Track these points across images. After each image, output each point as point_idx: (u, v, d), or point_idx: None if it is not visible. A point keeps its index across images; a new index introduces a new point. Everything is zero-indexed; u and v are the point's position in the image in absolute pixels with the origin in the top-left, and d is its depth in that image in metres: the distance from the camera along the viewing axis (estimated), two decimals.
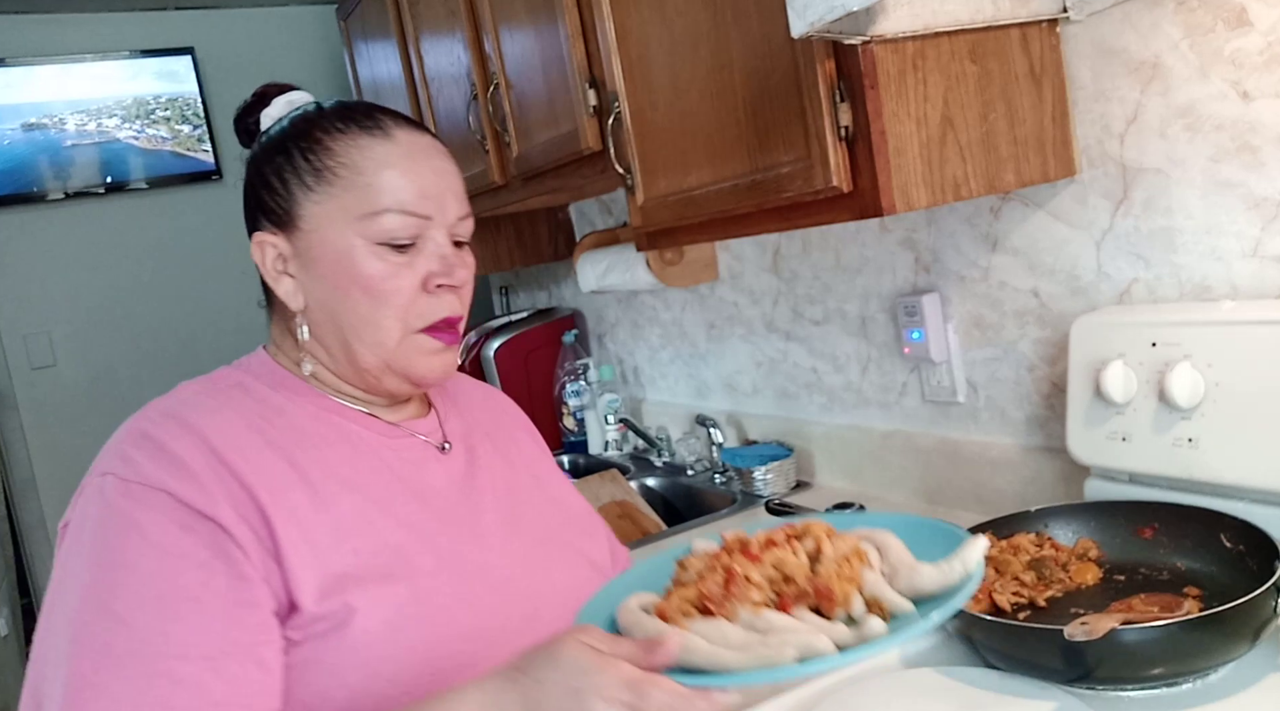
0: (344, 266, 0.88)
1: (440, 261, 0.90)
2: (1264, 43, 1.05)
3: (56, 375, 3.06)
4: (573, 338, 2.60)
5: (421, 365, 0.92)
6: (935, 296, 1.53)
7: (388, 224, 0.88)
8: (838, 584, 0.72)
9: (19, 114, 3.02)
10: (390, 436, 0.95)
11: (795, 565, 0.74)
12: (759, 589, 0.73)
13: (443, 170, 0.93)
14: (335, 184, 0.89)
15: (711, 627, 0.71)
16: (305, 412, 0.91)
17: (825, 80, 1.10)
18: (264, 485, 0.81)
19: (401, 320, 0.89)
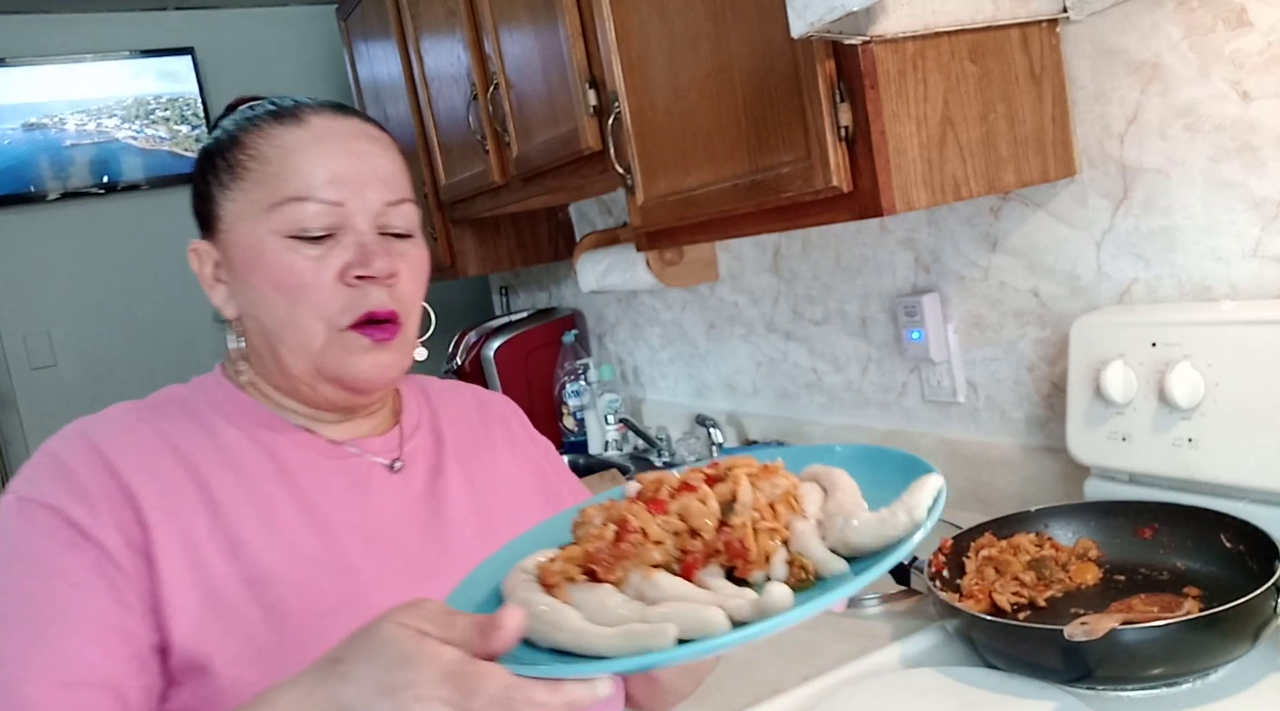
0: (257, 264, 0.82)
1: (357, 251, 0.82)
2: (1264, 43, 1.04)
3: (56, 375, 3.06)
4: (573, 338, 2.60)
5: (352, 366, 0.83)
6: (935, 296, 1.53)
7: (294, 213, 0.81)
8: (753, 538, 0.59)
9: (19, 114, 3.02)
10: (329, 457, 0.87)
11: (701, 514, 0.61)
12: (659, 546, 0.60)
13: (363, 152, 0.85)
14: (245, 178, 0.83)
15: (593, 596, 0.58)
16: (235, 431, 0.84)
17: (825, 80, 1.10)
18: (158, 507, 0.76)
19: (323, 318, 0.82)
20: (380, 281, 0.82)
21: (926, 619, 1.14)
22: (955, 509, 1.56)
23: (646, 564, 0.59)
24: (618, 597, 0.58)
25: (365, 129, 0.87)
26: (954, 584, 1.10)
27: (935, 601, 1.05)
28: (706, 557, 0.60)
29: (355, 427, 0.90)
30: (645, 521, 0.61)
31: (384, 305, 0.83)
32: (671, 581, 0.58)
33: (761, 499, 0.61)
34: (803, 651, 1.14)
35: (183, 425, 0.83)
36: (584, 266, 2.25)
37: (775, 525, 0.60)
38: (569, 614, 0.57)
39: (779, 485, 0.63)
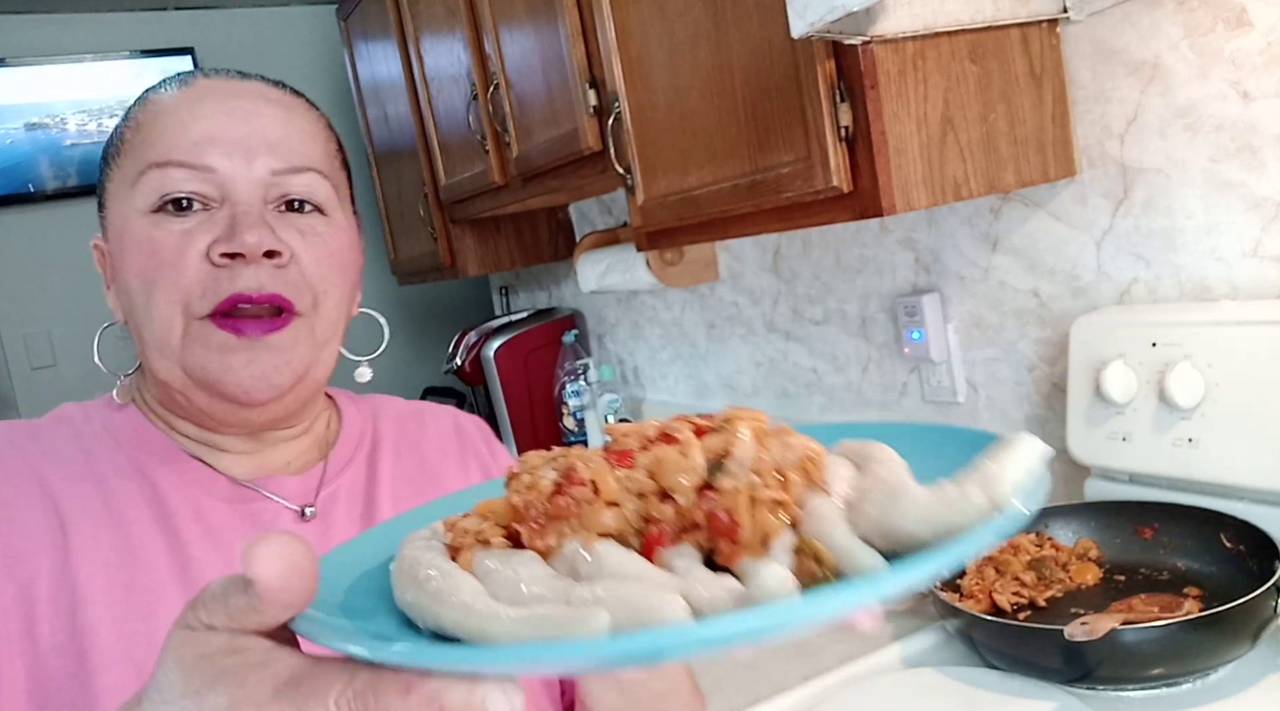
0: (122, 246, 0.69)
1: (227, 223, 0.66)
2: (1264, 43, 1.05)
3: (56, 375, 3.06)
4: (573, 338, 2.60)
5: (216, 368, 0.66)
6: (935, 296, 1.53)
7: (157, 181, 0.67)
8: (747, 509, 0.40)
9: (21, 114, 3.02)
10: (226, 499, 0.71)
11: (677, 470, 0.43)
12: (614, 508, 0.43)
13: (248, 111, 0.69)
14: (121, 151, 0.71)
15: (506, 566, 0.41)
16: (115, 462, 0.71)
17: (825, 80, 1.10)
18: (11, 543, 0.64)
19: (180, 303, 0.66)
20: (255, 260, 0.66)
21: (926, 619, 1.14)
22: None
23: (592, 530, 0.42)
24: (540, 570, 0.41)
25: (261, 89, 0.72)
26: (954, 584, 1.10)
27: (935, 601, 1.05)
28: (679, 532, 0.42)
29: (266, 461, 0.74)
30: (599, 472, 0.43)
31: (260, 287, 0.66)
32: (618, 554, 0.40)
33: (767, 461, 0.43)
34: (803, 651, 1.14)
35: (61, 452, 0.70)
36: (584, 266, 2.25)
37: (782, 496, 0.41)
38: (462, 584, 0.40)
39: (793, 448, 0.44)
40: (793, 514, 0.41)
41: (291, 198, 0.70)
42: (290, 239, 0.68)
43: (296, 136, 0.71)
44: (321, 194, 0.72)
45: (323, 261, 0.70)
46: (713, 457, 0.44)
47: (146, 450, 0.72)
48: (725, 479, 0.42)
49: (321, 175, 0.72)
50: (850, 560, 0.39)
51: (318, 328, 0.70)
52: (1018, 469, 0.39)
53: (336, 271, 0.72)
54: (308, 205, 0.71)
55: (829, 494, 0.43)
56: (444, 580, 0.40)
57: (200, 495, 0.70)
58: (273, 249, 0.67)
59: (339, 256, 0.72)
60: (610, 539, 0.42)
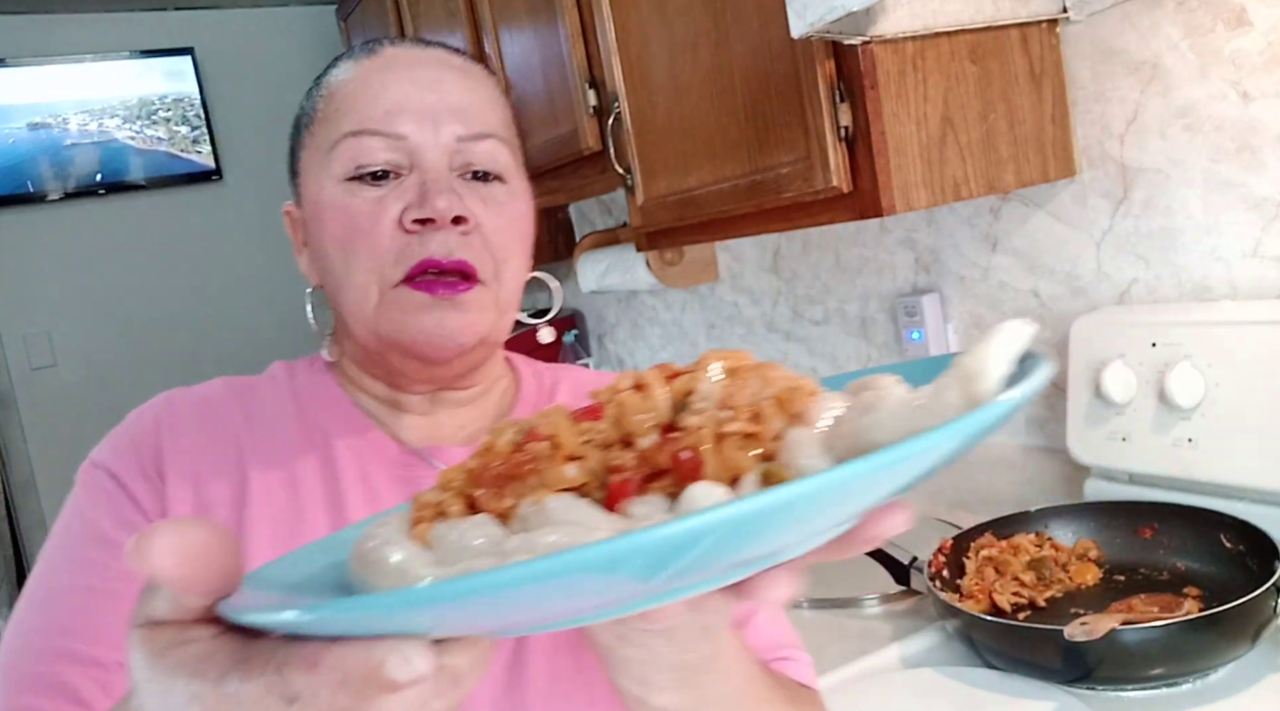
0: (318, 214, 0.72)
1: (418, 191, 0.69)
2: (1264, 43, 1.05)
3: (56, 375, 3.06)
4: (573, 338, 2.60)
5: (409, 328, 0.69)
6: (935, 296, 1.53)
7: (351, 150, 0.70)
8: (712, 449, 0.37)
9: (23, 114, 3.02)
10: (393, 465, 0.74)
11: (637, 412, 0.40)
12: (576, 462, 0.40)
13: (433, 80, 0.72)
14: (315, 122, 0.74)
15: (455, 530, 0.39)
16: (299, 425, 0.75)
17: (825, 80, 1.10)
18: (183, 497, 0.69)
19: (375, 270, 0.69)
20: (443, 226, 0.69)
21: (926, 619, 1.14)
22: (955, 509, 1.56)
23: (553, 487, 0.39)
24: (491, 531, 0.38)
25: (444, 57, 0.75)
26: (954, 584, 1.10)
27: (935, 601, 1.05)
28: (645, 480, 0.38)
29: (440, 423, 0.77)
30: (559, 427, 0.41)
31: (449, 253, 0.69)
32: (569, 505, 0.37)
33: (739, 397, 0.39)
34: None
35: (259, 414, 0.75)
36: (584, 266, 2.25)
37: (752, 429, 0.38)
38: (399, 549, 0.38)
39: (772, 381, 0.40)
40: (767, 449, 0.37)
41: (475, 167, 0.72)
42: (475, 207, 0.71)
43: (479, 103, 0.73)
44: (502, 160, 0.74)
45: (503, 230, 0.72)
46: (679, 398, 0.41)
47: (330, 415, 0.76)
48: (688, 416, 0.39)
49: (501, 141, 0.74)
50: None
51: (500, 294, 0.72)
52: (997, 360, 0.35)
53: (516, 239, 0.74)
54: (490, 174, 0.73)
55: (810, 426, 0.38)
56: (381, 548, 0.38)
57: (370, 460, 0.74)
58: (461, 215, 0.69)
59: (518, 224, 0.74)
60: (572, 494, 0.39)
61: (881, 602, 1.22)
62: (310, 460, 0.73)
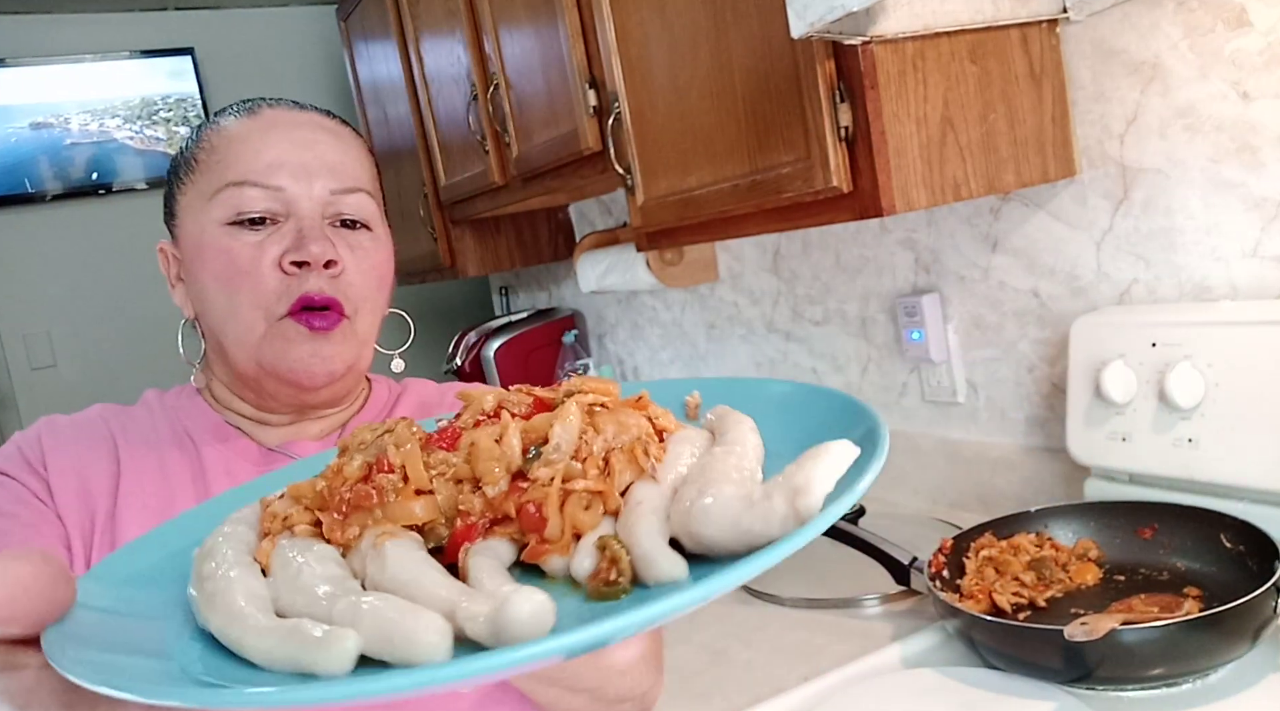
0: (199, 254, 0.81)
1: (294, 236, 0.79)
2: (1264, 43, 1.05)
3: (56, 375, 3.06)
4: (573, 338, 2.60)
5: (289, 357, 0.79)
6: (935, 296, 1.53)
7: (234, 198, 0.79)
8: (557, 504, 0.38)
9: (24, 114, 3.02)
10: (255, 462, 0.83)
11: (490, 459, 0.40)
12: (423, 498, 0.40)
13: (309, 140, 0.82)
14: (195, 170, 0.83)
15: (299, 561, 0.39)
16: (171, 437, 0.84)
17: (825, 80, 1.10)
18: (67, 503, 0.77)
19: (260, 306, 0.79)
20: (317, 268, 0.79)
21: (926, 619, 1.14)
22: (955, 509, 1.56)
23: (398, 522, 0.39)
24: (329, 570, 0.38)
25: (318, 119, 0.85)
26: (954, 584, 1.10)
27: (935, 601, 1.05)
28: (491, 524, 0.39)
29: (298, 430, 0.87)
30: (409, 459, 0.40)
31: (321, 291, 0.79)
32: (404, 557, 0.37)
33: (596, 444, 0.41)
34: (803, 651, 1.14)
35: (132, 426, 0.84)
36: (584, 267, 2.25)
37: (599, 487, 0.39)
38: (239, 586, 0.37)
39: (627, 427, 0.41)
40: (611, 505, 0.39)
41: (345, 216, 0.82)
42: (343, 252, 0.81)
43: (349, 161, 0.84)
44: (369, 211, 0.84)
45: (367, 274, 0.83)
46: (534, 440, 0.41)
47: (198, 426, 0.85)
48: (540, 468, 0.40)
49: (368, 194, 0.85)
50: (648, 567, 0.36)
51: (359, 329, 0.83)
52: (825, 478, 0.37)
53: (376, 282, 0.84)
54: (358, 223, 0.83)
55: (657, 481, 0.40)
56: (220, 579, 0.38)
57: (233, 457, 0.83)
58: (332, 259, 0.79)
59: (379, 269, 0.85)
60: (415, 532, 0.40)
61: (881, 602, 1.22)
62: (179, 457, 0.82)
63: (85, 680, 0.32)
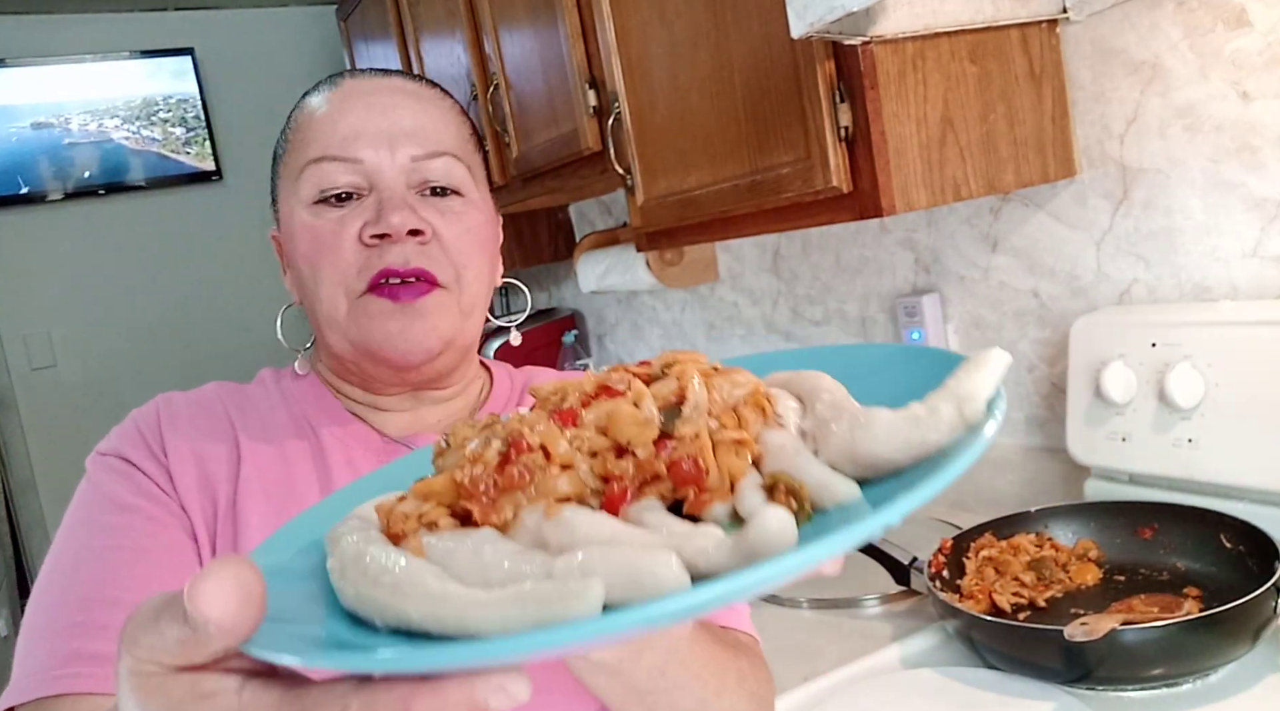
0: (291, 237, 0.78)
1: (376, 208, 0.75)
2: (1264, 43, 1.04)
3: (56, 375, 3.06)
4: (573, 338, 2.59)
5: (375, 333, 0.74)
6: (935, 297, 1.53)
7: (315, 176, 0.76)
8: (711, 454, 0.39)
9: (25, 114, 3.02)
10: (377, 452, 0.80)
11: (634, 423, 0.41)
12: (568, 471, 0.40)
13: (388, 106, 0.77)
14: (286, 152, 0.80)
15: (464, 546, 0.38)
16: (290, 420, 0.81)
17: (825, 81, 1.10)
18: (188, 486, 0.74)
19: (341, 283, 0.75)
20: (400, 240, 0.74)
21: (926, 619, 1.14)
22: (955, 509, 1.56)
23: (549, 497, 0.39)
24: (505, 546, 0.37)
25: (400, 84, 0.80)
26: (954, 584, 1.10)
27: (935, 602, 1.05)
28: (641, 486, 0.40)
29: (419, 419, 0.83)
30: (548, 436, 0.41)
31: (406, 262, 0.74)
32: (592, 518, 0.38)
33: (719, 401, 0.42)
34: (803, 651, 1.14)
35: (251, 408, 0.81)
36: (584, 267, 2.25)
37: (742, 435, 0.40)
38: (423, 571, 0.36)
39: (740, 384, 0.43)
40: (754, 452, 0.40)
41: (432, 183, 0.78)
42: (432, 218, 0.76)
43: (431, 124, 0.79)
44: (457, 176, 0.79)
45: (461, 237, 0.77)
46: (664, 405, 0.42)
47: (317, 410, 0.81)
48: (683, 425, 0.40)
49: (456, 158, 0.79)
50: (825, 491, 0.38)
51: (462, 298, 0.77)
52: (988, 383, 0.38)
53: (475, 247, 0.79)
54: (447, 189, 0.78)
55: (784, 428, 0.41)
56: (401, 571, 0.36)
57: (355, 446, 0.80)
58: (416, 228, 0.74)
59: (477, 232, 0.79)
60: (570, 503, 0.39)
61: (881, 602, 1.22)
62: (299, 443, 0.79)
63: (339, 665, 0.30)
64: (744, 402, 0.42)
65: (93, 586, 0.67)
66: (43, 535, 3.03)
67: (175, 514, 0.73)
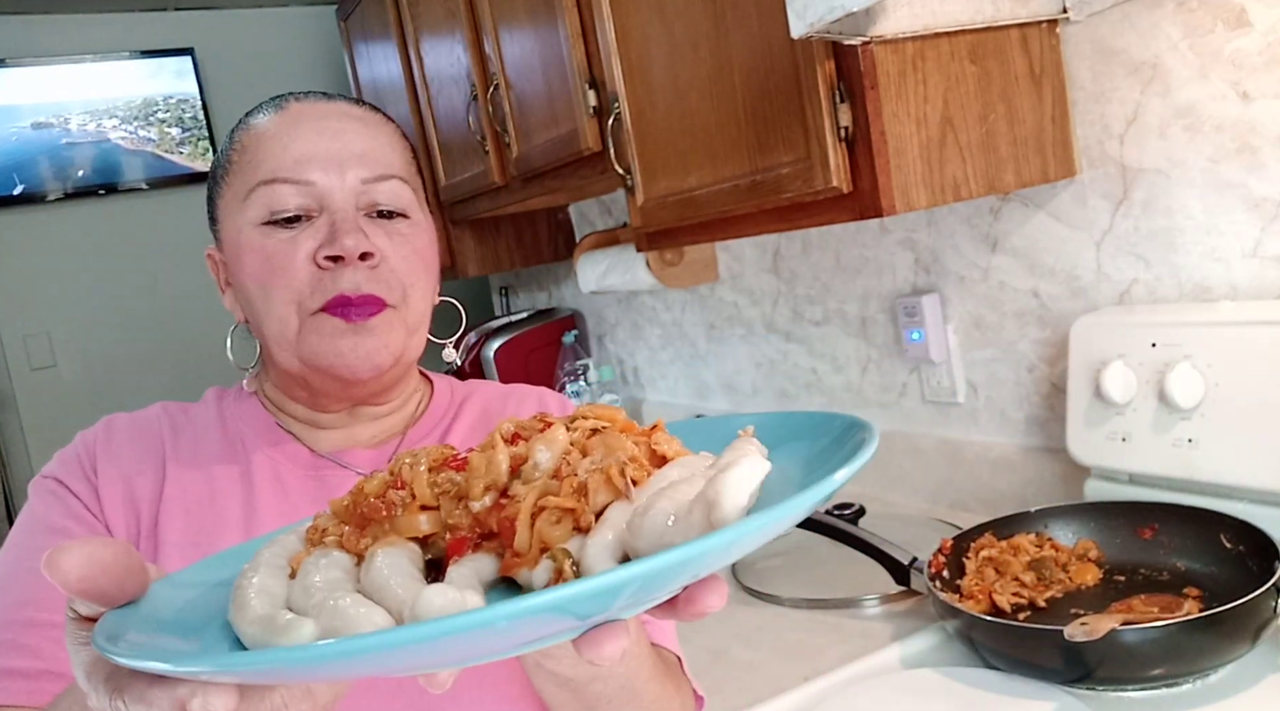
0: (238, 256, 0.79)
1: (328, 230, 0.77)
2: (1264, 43, 1.05)
3: (56, 375, 3.06)
4: (573, 338, 2.59)
5: (326, 350, 0.76)
6: (935, 297, 1.53)
7: (265, 197, 0.77)
8: (527, 520, 0.41)
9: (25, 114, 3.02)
10: (305, 468, 0.82)
11: (477, 476, 0.44)
12: (429, 512, 0.45)
13: (337, 130, 0.79)
14: (230, 172, 0.81)
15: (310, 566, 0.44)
16: (220, 439, 0.83)
17: (825, 81, 1.10)
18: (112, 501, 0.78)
19: (295, 303, 0.77)
20: (352, 262, 0.76)
21: (926, 619, 1.14)
22: (955, 509, 1.56)
23: (404, 534, 0.44)
24: (331, 575, 0.43)
25: (346, 108, 0.83)
26: (954, 584, 1.10)
27: (935, 602, 1.05)
28: (480, 539, 0.43)
29: (351, 435, 0.85)
30: (415, 477, 0.45)
31: (357, 288, 0.76)
32: (386, 565, 0.42)
33: (581, 466, 0.43)
34: (803, 651, 1.14)
35: (185, 428, 0.84)
36: (584, 267, 2.25)
37: (573, 504, 0.41)
38: (254, 585, 0.43)
39: (614, 450, 0.44)
40: (584, 522, 0.42)
41: (380, 206, 0.80)
42: (380, 242, 0.78)
43: (379, 148, 0.81)
44: (404, 198, 0.82)
45: (408, 260, 0.80)
46: (519, 462, 0.44)
47: (251, 430, 0.84)
48: (518, 485, 0.43)
49: (403, 181, 0.82)
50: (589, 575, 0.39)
51: (408, 317, 0.80)
52: (735, 492, 0.38)
53: (420, 267, 0.81)
54: (394, 212, 0.81)
55: (631, 501, 0.42)
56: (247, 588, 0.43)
57: (282, 462, 0.82)
58: (367, 251, 0.77)
59: (422, 254, 0.82)
60: (420, 543, 0.44)
61: (881, 602, 1.22)
62: (228, 462, 0.82)
63: (120, 656, 0.36)
64: (598, 470, 0.43)
65: (11, 608, 0.72)
66: None
67: (99, 533, 0.76)
